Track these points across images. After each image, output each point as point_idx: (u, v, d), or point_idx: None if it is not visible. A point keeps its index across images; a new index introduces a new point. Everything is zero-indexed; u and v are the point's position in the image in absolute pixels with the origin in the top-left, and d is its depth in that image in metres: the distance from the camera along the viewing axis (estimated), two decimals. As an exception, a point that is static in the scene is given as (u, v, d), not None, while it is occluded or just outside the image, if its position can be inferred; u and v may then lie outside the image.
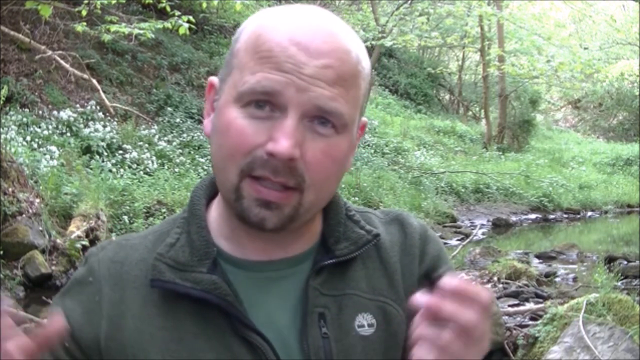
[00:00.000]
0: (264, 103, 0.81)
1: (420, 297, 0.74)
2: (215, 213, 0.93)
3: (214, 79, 0.90)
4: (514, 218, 13.30)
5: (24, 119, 9.54)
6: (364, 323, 0.89)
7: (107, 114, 10.54)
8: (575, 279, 7.66)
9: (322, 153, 0.82)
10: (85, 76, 9.69)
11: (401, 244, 0.95)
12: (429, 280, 0.75)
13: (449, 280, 0.72)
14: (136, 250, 0.91)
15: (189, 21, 8.54)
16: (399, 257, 0.94)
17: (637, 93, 23.17)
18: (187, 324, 0.85)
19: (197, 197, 0.94)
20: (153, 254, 0.88)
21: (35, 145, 8.96)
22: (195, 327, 0.85)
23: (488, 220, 12.79)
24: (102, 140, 9.88)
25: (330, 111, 0.81)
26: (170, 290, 0.86)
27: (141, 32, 9.07)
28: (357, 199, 10.73)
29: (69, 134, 9.80)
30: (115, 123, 10.65)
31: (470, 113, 24.87)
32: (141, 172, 9.76)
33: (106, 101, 9.94)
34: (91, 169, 8.80)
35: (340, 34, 0.84)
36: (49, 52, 9.36)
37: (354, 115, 0.85)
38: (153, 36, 9.78)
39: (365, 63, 0.87)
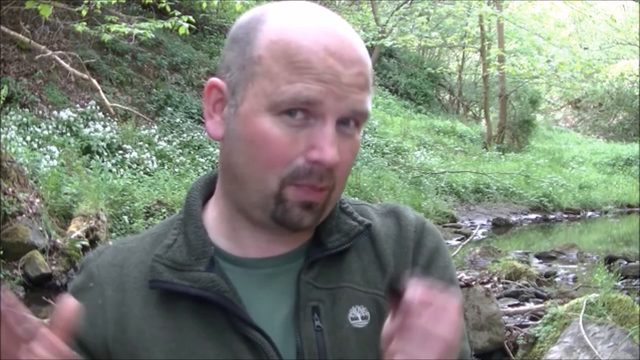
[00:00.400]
0: (295, 110, 0.82)
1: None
2: (214, 212, 0.93)
3: (218, 81, 0.88)
4: (514, 218, 13.30)
5: (24, 119, 9.54)
6: (358, 315, 0.89)
7: (107, 114, 10.54)
8: (575, 279, 7.66)
9: (349, 152, 0.86)
10: (85, 76, 9.70)
11: (396, 237, 0.95)
12: (392, 291, 0.76)
13: (415, 291, 0.73)
14: (134, 253, 0.92)
15: (189, 21, 8.54)
16: (392, 250, 0.94)
17: (637, 93, 23.18)
18: (188, 323, 0.86)
19: (193, 197, 0.94)
20: (151, 256, 0.89)
21: (35, 145, 8.96)
22: (196, 325, 0.86)
23: (488, 220, 12.79)
24: (102, 140, 9.89)
25: (362, 113, 0.85)
26: (169, 290, 0.87)
27: (141, 32, 9.08)
28: (357, 198, 10.71)
29: (69, 134, 9.80)
30: (115, 123, 10.65)
31: (470, 113, 24.87)
32: (141, 172, 9.76)
33: (106, 101, 9.95)
34: (91, 169, 8.80)
35: (357, 39, 0.86)
36: (49, 52, 9.37)
37: None
38: (153, 36, 9.78)
39: None
